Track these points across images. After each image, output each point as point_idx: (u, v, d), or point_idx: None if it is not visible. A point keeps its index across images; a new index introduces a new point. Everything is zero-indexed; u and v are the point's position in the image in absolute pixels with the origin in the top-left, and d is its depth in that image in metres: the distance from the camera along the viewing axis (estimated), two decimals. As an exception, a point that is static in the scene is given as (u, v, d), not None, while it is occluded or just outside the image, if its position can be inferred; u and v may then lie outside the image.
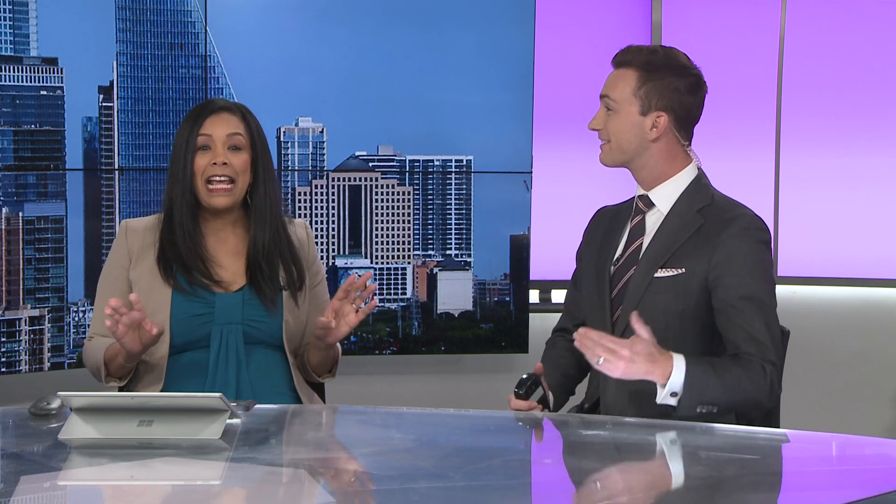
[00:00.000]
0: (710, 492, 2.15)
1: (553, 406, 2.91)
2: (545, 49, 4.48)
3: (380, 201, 4.38)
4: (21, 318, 4.00)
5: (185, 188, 2.99)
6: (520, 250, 4.47)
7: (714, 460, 2.38)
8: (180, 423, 2.35)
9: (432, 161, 4.40)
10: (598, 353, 2.59)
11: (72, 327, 4.09)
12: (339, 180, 4.35)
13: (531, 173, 4.42)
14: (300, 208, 4.33)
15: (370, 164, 4.36)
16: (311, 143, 4.32)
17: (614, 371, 2.60)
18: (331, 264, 4.33)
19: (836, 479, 2.36)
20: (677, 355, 2.63)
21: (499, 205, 4.44)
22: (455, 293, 4.45)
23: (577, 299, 3.04)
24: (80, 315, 4.09)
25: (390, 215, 4.40)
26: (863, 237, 4.72)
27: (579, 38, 4.73)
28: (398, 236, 4.41)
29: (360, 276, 2.92)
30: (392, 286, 4.41)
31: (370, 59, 4.29)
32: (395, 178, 4.38)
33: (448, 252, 4.45)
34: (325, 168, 4.34)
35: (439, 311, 4.45)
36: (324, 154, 4.33)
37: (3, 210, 3.97)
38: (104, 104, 4.10)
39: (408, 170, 4.40)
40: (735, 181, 3.20)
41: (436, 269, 4.44)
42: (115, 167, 4.13)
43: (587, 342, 2.61)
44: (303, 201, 4.33)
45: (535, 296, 4.69)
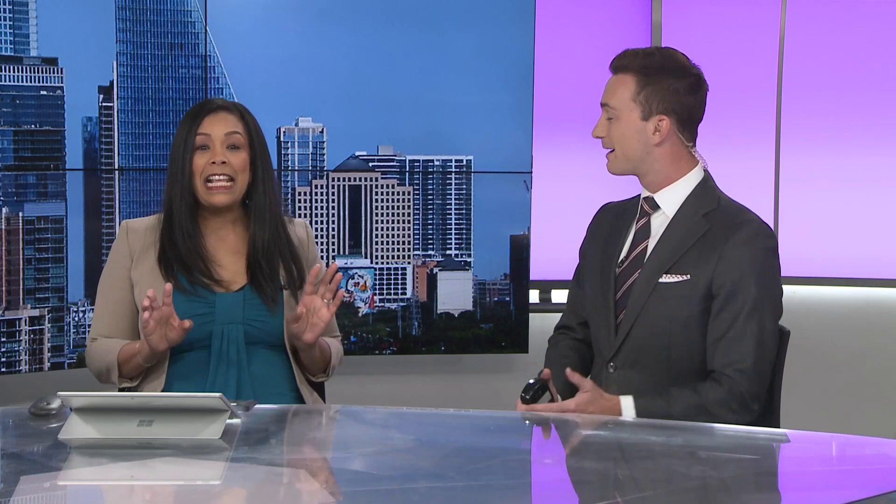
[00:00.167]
0: (710, 492, 2.15)
1: None
2: (545, 49, 4.47)
3: (380, 201, 4.38)
4: (21, 318, 4.00)
5: (183, 188, 2.99)
6: (520, 250, 4.47)
7: (714, 460, 2.38)
8: (180, 423, 2.35)
9: (432, 161, 4.40)
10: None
11: (72, 327, 4.09)
12: (339, 180, 4.35)
13: (531, 173, 4.42)
14: (300, 208, 4.33)
15: (370, 164, 4.36)
16: (311, 143, 4.32)
17: None
18: (331, 264, 4.32)
19: (836, 479, 2.36)
20: (624, 397, 2.75)
21: (499, 205, 4.44)
22: (455, 293, 4.45)
23: (581, 297, 3.03)
24: (80, 315, 4.09)
25: (390, 215, 4.39)
26: (863, 237, 4.71)
27: (579, 38, 4.73)
28: (398, 236, 4.40)
29: (326, 268, 2.90)
30: (392, 286, 4.41)
31: (370, 59, 4.29)
32: (395, 178, 4.38)
33: (448, 252, 4.45)
34: (325, 168, 4.34)
35: (439, 311, 4.45)
36: (324, 154, 4.33)
37: (3, 210, 3.97)
38: (104, 104, 4.10)
39: (408, 170, 4.40)
40: (735, 181, 3.19)
41: (436, 269, 4.44)
42: (115, 167, 4.13)
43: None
44: (303, 201, 4.33)
45: (535, 296, 4.69)
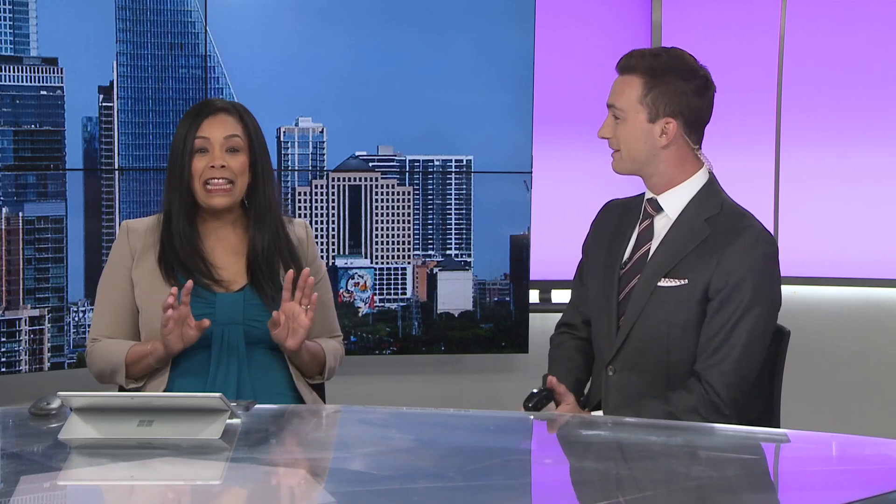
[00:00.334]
0: (710, 492, 2.15)
1: None
2: (545, 49, 4.47)
3: (380, 201, 4.38)
4: (21, 318, 4.00)
5: (181, 192, 2.99)
6: (520, 250, 4.47)
7: (714, 460, 2.38)
8: (180, 423, 2.35)
9: (432, 161, 4.40)
10: None
11: (72, 327, 4.09)
12: (339, 180, 4.35)
13: (531, 173, 4.42)
14: (300, 208, 4.33)
15: (370, 164, 4.36)
16: (311, 143, 4.31)
17: None
18: (331, 264, 4.33)
19: (836, 479, 2.36)
20: (596, 413, 2.83)
21: (499, 205, 4.44)
22: (455, 293, 4.45)
23: (584, 295, 3.03)
24: (80, 315, 4.08)
25: (390, 215, 4.39)
26: (863, 237, 4.71)
27: (579, 38, 4.73)
28: (398, 236, 4.40)
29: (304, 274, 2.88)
30: (392, 286, 4.41)
31: (370, 59, 4.29)
32: (395, 178, 4.38)
33: (448, 252, 4.44)
34: (325, 168, 4.34)
35: (439, 311, 4.45)
36: (324, 154, 4.33)
37: (3, 210, 3.96)
38: (104, 104, 4.10)
39: (408, 170, 4.39)
40: (735, 181, 3.19)
41: (436, 269, 4.44)
42: (115, 167, 4.13)
43: None
44: (303, 201, 4.33)
45: (535, 296, 4.69)
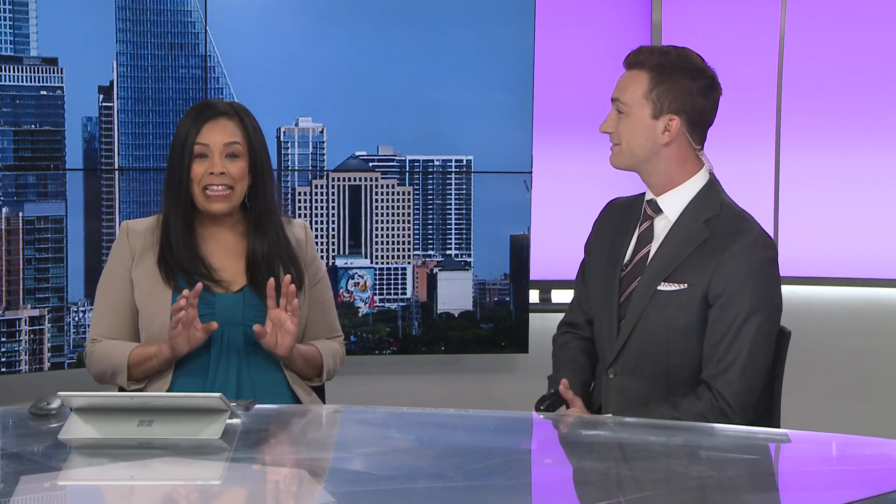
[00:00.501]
0: (710, 492, 2.15)
1: None
2: (545, 49, 4.47)
3: (380, 201, 4.38)
4: (21, 318, 4.00)
5: (179, 196, 2.98)
6: (520, 250, 4.47)
7: (714, 460, 2.38)
8: (180, 423, 2.35)
9: (432, 161, 4.40)
10: None
11: (72, 327, 4.09)
12: (339, 180, 4.35)
13: (531, 173, 4.42)
14: (300, 208, 4.33)
15: (370, 164, 4.36)
16: (311, 143, 4.31)
17: None
18: (331, 264, 4.33)
19: (836, 479, 2.36)
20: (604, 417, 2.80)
21: (499, 205, 4.44)
22: (455, 293, 4.45)
23: (587, 294, 3.02)
24: (80, 315, 4.08)
25: (390, 215, 4.39)
26: (863, 237, 4.71)
27: (579, 38, 4.73)
28: (398, 236, 4.40)
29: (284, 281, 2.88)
30: (392, 286, 4.41)
31: (370, 59, 4.29)
32: (395, 178, 4.38)
33: (448, 252, 4.44)
34: (325, 168, 4.33)
35: (439, 311, 4.45)
36: (324, 154, 4.33)
37: (3, 210, 3.96)
38: (104, 104, 4.10)
39: (408, 170, 4.39)
40: (735, 181, 3.19)
41: (436, 269, 4.44)
42: (115, 167, 4.13)
43: None
44: (303, 201, 4.33)
45: (535, 296, 4.68)
